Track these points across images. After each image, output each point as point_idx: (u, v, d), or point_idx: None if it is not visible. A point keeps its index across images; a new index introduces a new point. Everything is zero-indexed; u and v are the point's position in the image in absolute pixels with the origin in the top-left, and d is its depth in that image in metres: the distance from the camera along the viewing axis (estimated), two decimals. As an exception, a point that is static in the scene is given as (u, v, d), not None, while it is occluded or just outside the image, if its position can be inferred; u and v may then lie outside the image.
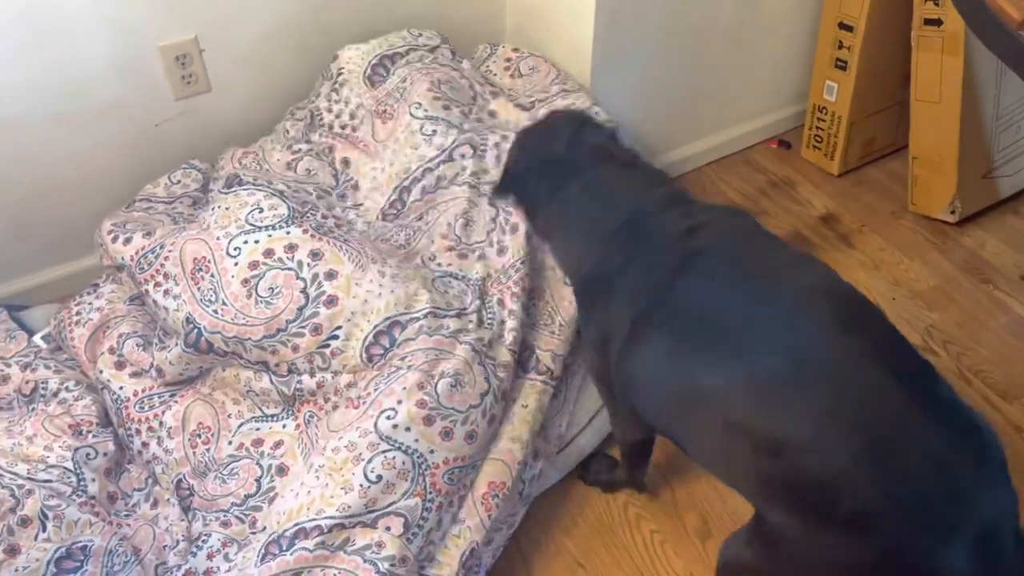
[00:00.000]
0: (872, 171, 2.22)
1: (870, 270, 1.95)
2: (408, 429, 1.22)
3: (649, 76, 1.93)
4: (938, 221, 2.05)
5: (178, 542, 1.31)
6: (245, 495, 1.33)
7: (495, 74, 1.83)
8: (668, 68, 1.95)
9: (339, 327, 1.33)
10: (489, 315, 1.39)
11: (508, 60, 1.85)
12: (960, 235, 2.03)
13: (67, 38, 1.57)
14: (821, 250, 2.00)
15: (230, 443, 1.39)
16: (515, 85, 1.78)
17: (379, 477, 1.21)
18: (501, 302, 1.42)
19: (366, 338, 1.33)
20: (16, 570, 1.23)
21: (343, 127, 1.70)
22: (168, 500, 1.39)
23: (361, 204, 1.62)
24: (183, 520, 1.35)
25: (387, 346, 1.33)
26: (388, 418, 1.23)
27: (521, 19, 1.99)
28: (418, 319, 1.33)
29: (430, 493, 1.22)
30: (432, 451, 1.23)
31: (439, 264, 1.46)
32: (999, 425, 1.63)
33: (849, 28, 1.96)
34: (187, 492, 1.38)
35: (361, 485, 1.21)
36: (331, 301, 1.33)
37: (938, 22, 1.82)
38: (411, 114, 1.57)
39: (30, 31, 1.53)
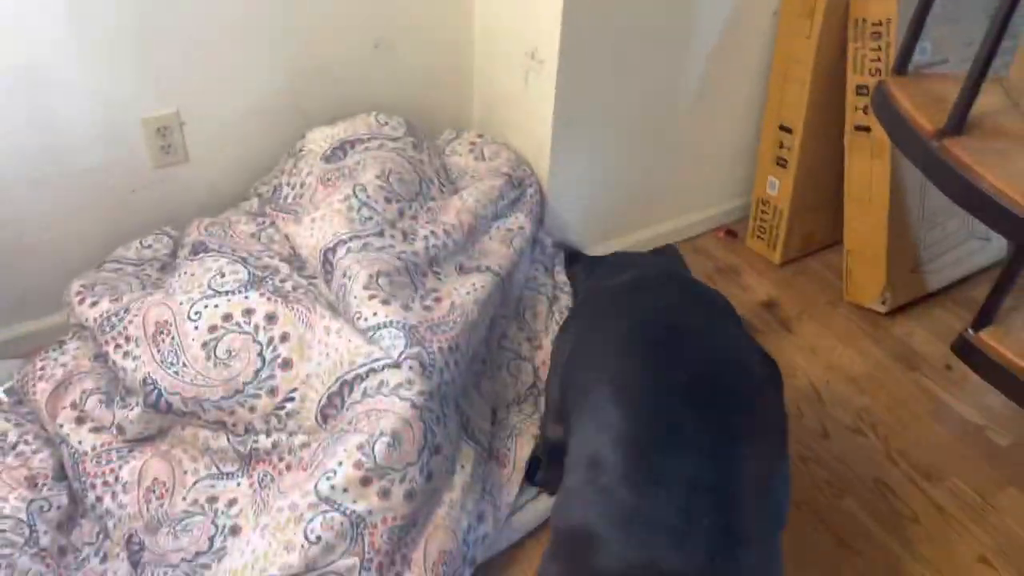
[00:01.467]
0: (812, 262, 2.36)
1: (807, 354, 2.07)
2: (346, 490, 1.28)
3: (604, 167, 2.07)
4: (870, 311, 2.18)
5: (125, 596, 1.34)
6: (196, 552, 1.36)
7: (460, 155, 1.95)
8: (622, 162, 2.09)
9: (295, 389, 1.40)
10: (431, 362, 1.42)
11: (472, 144, 1.98)
12: (891, 325, 2.16)
13: (53, 105, 1.66)
14: (763, 334, 2.12)
15: (184, 499, 1.43)
16: (477, 167, 1.90)
17: (318, 538, 1.25)
18: (441, 350, 1.47)
19: (320, 400, 1.40)
20: (-38, 620, 1.25)
21: (293, 199, 1.78)
22: (118, 555, 1.42)
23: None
24: (132, 574, 1.38)
25: (338, 407, 1.39)
26: (327, 479, 1.28)
27: (487, 111, 2.12)
28: (361, 376, 1.39)
29: (368, 552, 1.26)
30: (370, 512, 1.28)
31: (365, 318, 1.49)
32: (923, 505, 1.72)
33: (788, 130, 2.13)
34: (137, 547, 1.41)
35: (302, 545, 1.25)
36: (286, 364, 1.40)
37: (867, 128, 1.99)
38: (353, 193, 1.65)
39: (17, 97, 1.61)
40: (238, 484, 1.43)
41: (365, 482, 1.28)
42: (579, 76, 1.84)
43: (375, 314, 1.43)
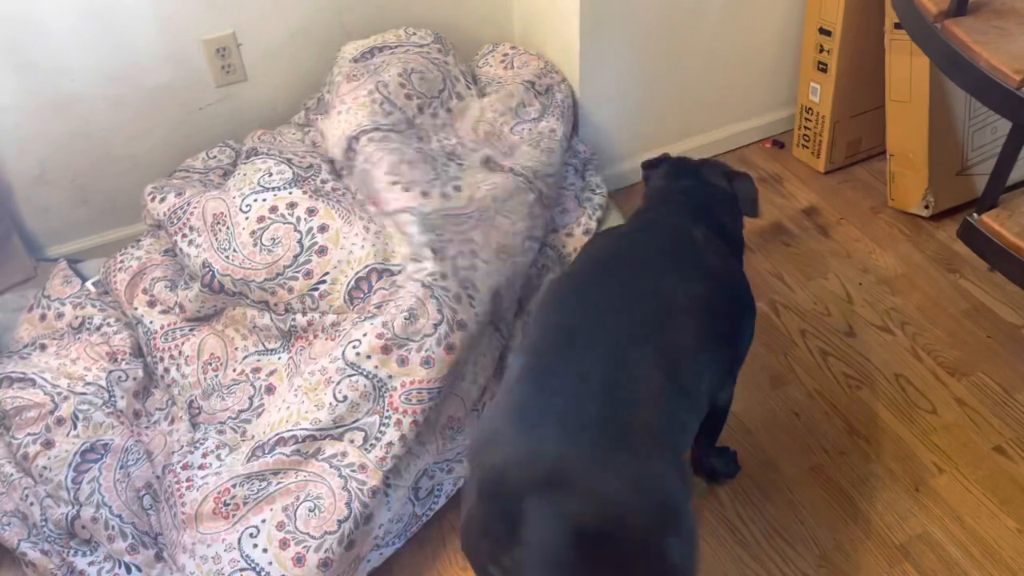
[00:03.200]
0: (859, 170, 2.34)
1: (842, 258, 2.08)
2: (369, 357, 1.43)
3: (636, 74, 2.12)
4: (914, 216, 2.16)
5: (182, 446, 1.55)
6: (239, 410, 1.56)
7: (491, 66, 2.05)
8: (655, 68, 2.13)
9: (327, 273, 1.56)
10: (442, 247, 1.55)
11: (504, 55, 2.07)
12: (935, 229, 2.13)
13: (124, 30, 1.86)
14: (799, 239, 2.14)
15: (234, 370, 1.63)
16: (505, 76, 1.99)
17: (345, 397, 1.42)
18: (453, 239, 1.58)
19: (348, 283, 1.55)
20: (50, 458, 1.49)
21: (328, 100, 1.93)
22: (181, 417, 1.64)
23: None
24: (190, 432, 1.59)
25: (366, 291, 1.55)
26: (353, 347, 1.44)
27: (525, 24, 2.20)
28: (392, 272, 1.54)
29: (387, 411, 1.42)
30: (390, 376, 1.43)
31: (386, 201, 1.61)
32: (943, 398, 1.74)
33: (828, 32, 2.11)
34: (197, 411, 1.62)
35: (331, 404, 1.42)
36: (322, 251, 1.56)
37: (906, 26, 1.95)
38: (376, 88, 1.77)
39: (93, 23, 1.82)
40: (279, 358, 1.61)
41: (386, 350, 1.44)
42: (604, -18, 1.90)
43: (397, 199, 1.57)
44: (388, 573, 1.49)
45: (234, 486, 1.39)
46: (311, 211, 1.61)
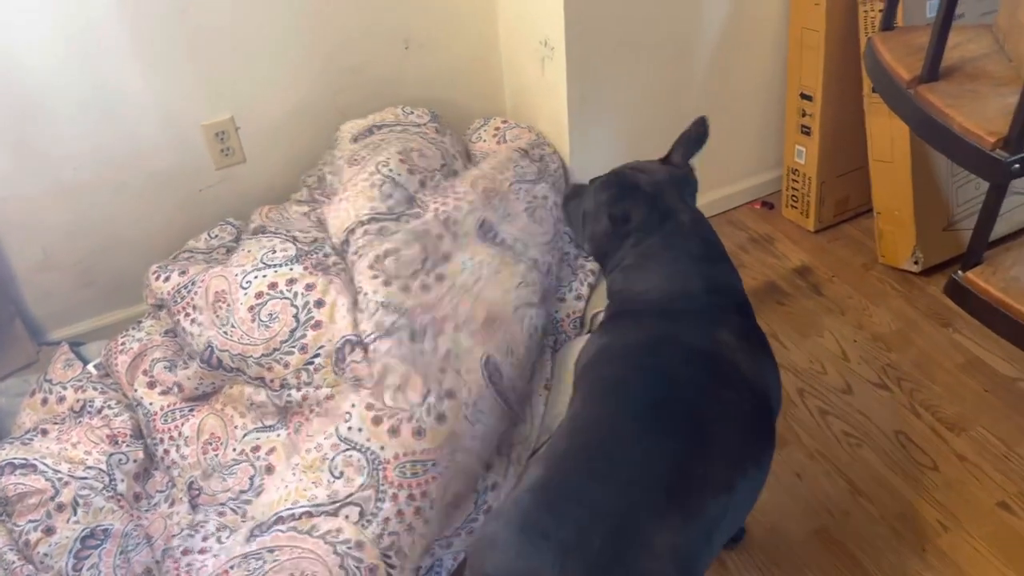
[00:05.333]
0: (848, 228, 2.38)
1: (836, 315, 2.10)
2: (360, 430, 1.44)
3: (625, 143, 2.17)
4: (905, 272, 2.18)
5: (183, 529, 1.55)
6: (240, 491, 1.56)
7: (484, 140, 2.11)
8: (642, 137, 2.18)
9: (321, 346, 1.58)
10: (422, 331, 1.58)
11: (497, 129, 2.13)
12: (926, 284, 2.16)
13: (126, 118, 1.92)
14: (792, 298, 2.16)
15: (234, 449, 1.64)
16: (499, 149, 2.04)
17: (341, 473, 1.43)
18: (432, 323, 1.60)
19: (333, 353, 1.57)
20: (51, 545, 1.48)
21: (331, 183, 1.97)
22: (181, 499, 1.63)
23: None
24: (190, 514, 1.59)
25: (344, 363, 1.57)
26: (345, 421, 1.45)
27: (516, 98, 2.27)
28: (361, 341, 1.56)
29: (382, 485, 1.42)
30: (383, 448, 1.44)
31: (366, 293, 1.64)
32: (944, 454, 1.73)
33: (809, 97, 2.17)
34: (196, 492, 1.62)
35: (328, 481, 1.43)
36: (317, 325, 1.59)
37: (884, 89, 2.01)
38: (377, 169, 1.83)
39: (96, 112, 1.88)
40: (278, 435, 1.62)
41: (376, 421, 1.45)
42: (588, 58, 1.96)
43: (375, 292, 1.61)
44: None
45: (232, 567, 1.39)
46: (309, 287, 1.64)
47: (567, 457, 1.10)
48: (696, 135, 1.50)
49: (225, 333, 1.63)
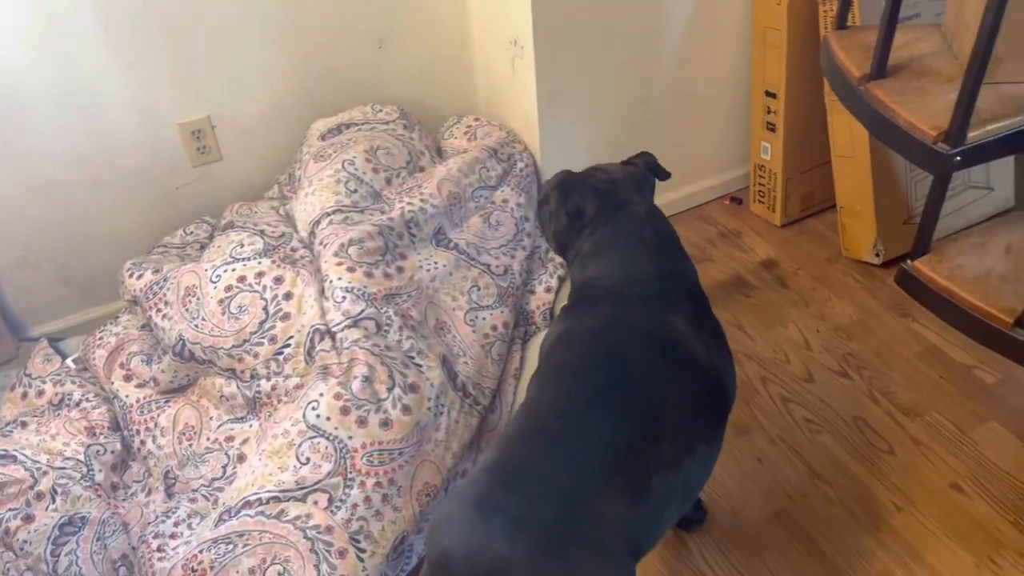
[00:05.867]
0: (813, 222, 2.44)
1: (800, 307, 2.16)
2: (328, 418, 1.49)
3: (595, 141, 2.22)
4: (868, 264, 2.25)
5: (157, 516, 1.58)
6: (212, 478, 1.60)
7: (456, 137, 2.15)
8: (613, 135, 2.24)
9: (291, 337, 1.62)
10: (387, 322, 1.64)
11: (468, 127, 2.18)
12: (887, 276, 2.22)
13: (103, 116, 1.95)
14: (758, 291, 2.22)
15: (208, 439, 1.68)
16: (469, 146, 2.09)
17: (308, 459, 1.47)
18: (396, 313, 1.66)
19: (305, 344, 1.62)
20: (30, 532, 1.52)
21: (299, 179, 2.02)
22: (157, 488, 1.67)
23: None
24: (166, 502, 1.63)
25: (312, 353, 1.61)
26: (312, 408, 1.50)
27: (489, 97, 2.31)
28: (332, 333, 1.61)
29: (351, 472, 1.47)
30: (350, 436, 1.48)
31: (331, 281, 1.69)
32: (900, 439, 1.79)
33: (773, 95, 2.23)
34: (172, 481, 1.66)
35: (294, 466, 1.47)
36: (285, 316, 1.63)
37: (844, 87, 2.07)
38: (342, 167, 1.89)
39: (71, 111, 1.91)
40: (250, 425, 1.66)
41: (344, 411, 1.49)
42: (557, 57, 2.01)
43: (340, 278, 1.65)
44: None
45: (201, 551, 1.42)
46: (278, 280, 1.68)
47: (520, 438, 1.15)
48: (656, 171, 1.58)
49: (196, 326, 1.67)
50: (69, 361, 1.93)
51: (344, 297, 1.62)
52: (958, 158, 1.37)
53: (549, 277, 1.96)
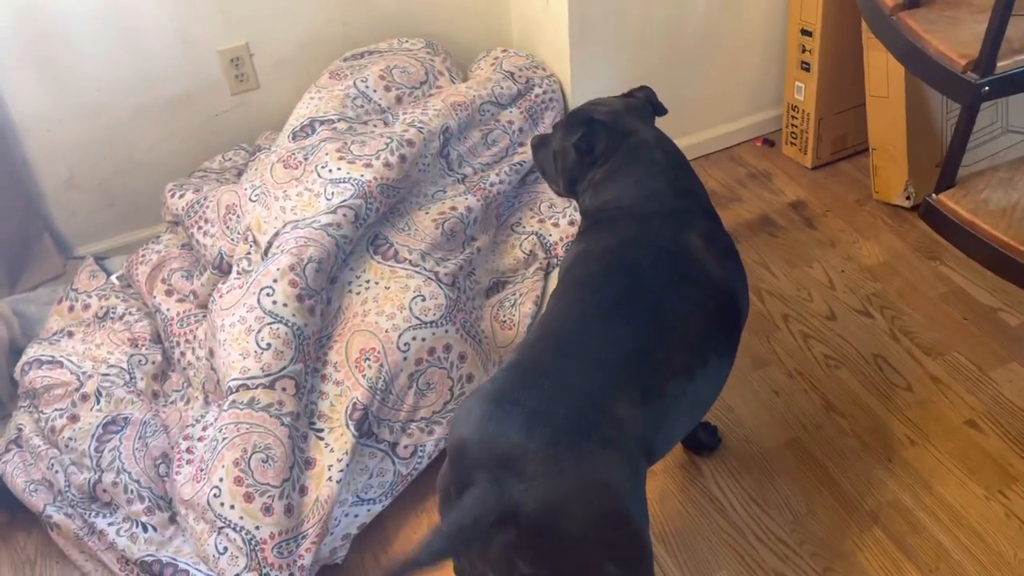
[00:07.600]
0: (845, 165, 2.43)
1: (826, 247, 2.16)
2: (286, 305, 1.55)
3: (626, 78, 2.22)
4: (898, 207, 2.24)
5: (192, 422, 1.67)
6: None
7: (482, 68, 2.17)
8: (644, 70, 2.23)
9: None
10: (365, 214, 1.71)
11: (496, 58, 2.19)
12: (917, 219, 2.20)
13: (145, 42, 2.01)
14: (785, 231, 2.23)
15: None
16: (492, 75, 2.11)
17: (268, 344, 1.53)
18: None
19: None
20: (75, 430, 1.62)
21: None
22: (196, 397, 1.76)
23: None
24: (204, 408, 1.71)
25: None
26: (268, 294, 1.56)
27: (522, 30, 2.32)
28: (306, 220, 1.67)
29: (308, 359, 1.55)
30: (306, 324, 1.56)
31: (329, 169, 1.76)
32: (918, 376, 1.81)
33: (809, 33, 2.21)
34: (211, 390, 1.74)
35: (255, 352, 1.53)
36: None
37: (882, 25, 2.05)
38: (354, 84, 1.96)
39: (115, 36, 1.97)
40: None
41: (300, 299, 1.57)
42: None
43: (339, 168, 1.72)
44: (380, 528, 1.60)
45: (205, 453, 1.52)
46: None
47: (538, 343, 1.20)
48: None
49: (233, 240, 1.74)
50: (113, 278, 2.02)
51: (338, 188, 1.71)
52: (986, 88, 1.37)
53: (574, 211, 1.99)
